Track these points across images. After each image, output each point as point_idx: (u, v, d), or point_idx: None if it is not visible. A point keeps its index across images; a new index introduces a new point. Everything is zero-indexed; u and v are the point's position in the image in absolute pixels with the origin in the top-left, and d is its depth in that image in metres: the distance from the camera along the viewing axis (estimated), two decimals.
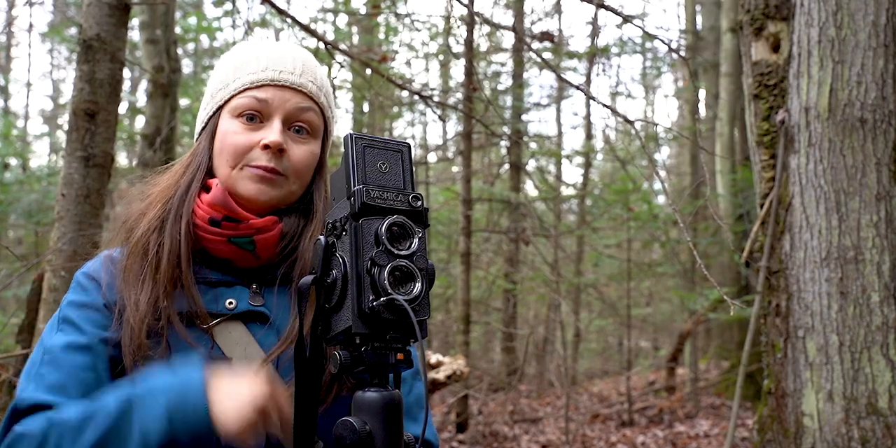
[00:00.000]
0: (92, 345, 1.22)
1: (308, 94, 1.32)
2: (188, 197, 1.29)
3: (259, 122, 1.30)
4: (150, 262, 1.24)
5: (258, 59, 1.34)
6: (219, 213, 1.27)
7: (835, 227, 2.89)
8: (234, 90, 1.32)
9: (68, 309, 1.26)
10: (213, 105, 1.35)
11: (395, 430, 1.00)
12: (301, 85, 1.32)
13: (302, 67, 1.34)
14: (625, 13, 4.49)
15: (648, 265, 11.10)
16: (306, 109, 1.32)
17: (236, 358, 1.22)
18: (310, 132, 1.33)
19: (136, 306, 1.21)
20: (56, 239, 3.04)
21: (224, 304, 1.25)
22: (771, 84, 3.11)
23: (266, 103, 1.30)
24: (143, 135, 7.15)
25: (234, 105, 1.31)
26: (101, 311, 1.25)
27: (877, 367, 2.79)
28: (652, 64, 14.92)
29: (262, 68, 1.32)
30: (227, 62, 1.37)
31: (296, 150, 1.30)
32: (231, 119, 1.31)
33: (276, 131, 1.28)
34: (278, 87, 1.30)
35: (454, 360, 5.55)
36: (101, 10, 3.11)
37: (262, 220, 1.27)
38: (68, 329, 1.24)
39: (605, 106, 3.38)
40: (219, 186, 1.29)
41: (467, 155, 8.08)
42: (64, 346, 1.21)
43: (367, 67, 6.25)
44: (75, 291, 1.29)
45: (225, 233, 1.26)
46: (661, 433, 7.59)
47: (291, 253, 1.29)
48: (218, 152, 1.31)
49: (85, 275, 1.30)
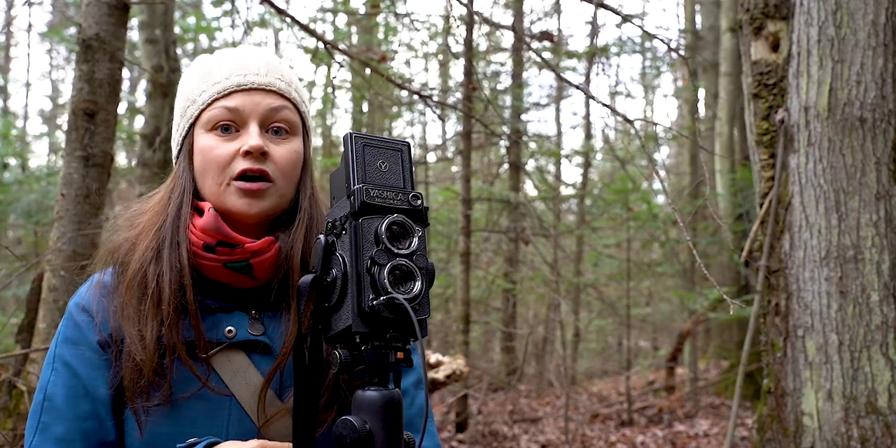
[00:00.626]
0: (90, 389, 1.21)
1: (278, 92, 1.28)
2: (181, 222, 1.24)
3: (235, 131, 1.26)
4: (152, 295, 1.20)
5: (220, 67, 1.29)
6: (212, 239, 1.22)
7: (834, 227, 2.89)
8: (202, 104, 1.28)
9: (63, 347, 1.24)
10: (185, 123, 1.30)
11: (394, 428, 1.00)
12: (269, 84, 1.28)
13: (266, 67, 1.30)
14: (624, 13, 4.49)
15: (648, 265, 11.10)
16: (280, 109, 1.28)
17: (237, 387, 1.21)
18: (288, 131, 1.29)
19: (143, 343, 1.18)
20: (55, 239, 3.04)
21: (223, 332, 1.23)
22: (770, 83, 3.11)
23: (238, 111, 1.25)
24: (143, 135, 7.15)
25: (206, 119, 1.27)
26: (95, 351, 1.22)
27: (876, 366, 2.79)
28: (651, 63, 14.92)
29: (226, 76, 1.28)
30: (190, 77, 1.33)
31: (278, 151, 1.26)
32: (205, 134, 1.27)
33: (255, 135, 1.24)
34: (246, 92, 1.26)
35: (454, 359, 5.55)
36: (100, 9, 3.11)
37: (257, 244, 1.22)
38: (64, 371, 1.22)
39: (604, 105, 3.38)
40: (210, 211, 1.24)
41: (467, 154, 8.08)
42: (64, 394, 1.21)
43: (367, 67, 6.25)
44: (68, 326, 1.26)
45: (220, 258, 1.22)
46: (660, 433, 7.60)
47: (286, 268, 1.25)
48: (200, 171, 1.27)
49: (78, 307, 1.27)
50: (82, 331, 1.24)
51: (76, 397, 1.20)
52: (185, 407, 1.19)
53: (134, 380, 1.18)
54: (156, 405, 1.18)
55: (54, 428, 1.19)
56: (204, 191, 1.27)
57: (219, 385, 1.20)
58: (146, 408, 1.18)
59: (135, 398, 1.18)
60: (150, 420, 1.18)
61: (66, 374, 1.22)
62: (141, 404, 1.18)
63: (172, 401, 1.18)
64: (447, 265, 10.18)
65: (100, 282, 1.28)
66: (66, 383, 1.21)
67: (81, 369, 1.21)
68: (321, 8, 11.72)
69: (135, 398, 1.18)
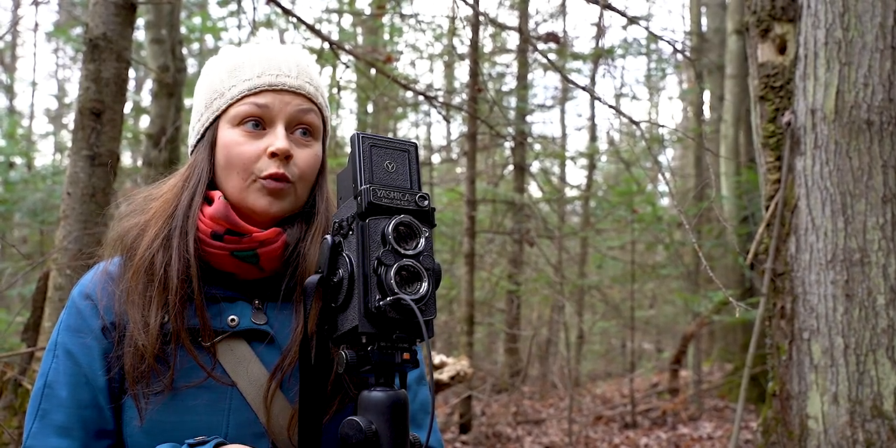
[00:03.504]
0: (90, 378, 1.21)
1: (307, 95, 1.30)
2: (191, 212, 1.25)
3: (262, 128, 1.27)
4: (159, 282, 1.21)
5: (251, 64, 1.30)
6: (221, 227, 1.23)
7: (840, 230, 2.88)
8: (231, 98, 1.28)
9: (65, 335, 1.25)
10: (210, 115, 1.31)
11: (400, 429, 1.00)
12: (299, 87, 1.29)
13: (297, 69, 1.31)
14: (630, 14, 4.49)
15: (652, 267, 11.08)
16: (307, 111, 1.29)
17: (239, 377, 1.21)
18: (312, 134, 1.30)
19: (146, 328, 1.19)
20: (61, 237, 3.05)
21: (226, 320, 1.23)
22: (777, 86, 3.11)
23: (267, 109, 1.26)
24: (148, 134, 7.17)
25: (234, 114, 1.27)
26: (97, 338, 1.23)
27: (882, 369, 2.79)
28: (657, 65, 14.91)
29: (258, 74, 1.28)
30: (217, 69, 1.33)
31: (301, 154, 1.27)
32: (231, 128, 1.27)
33: (282, 137, 1.25)
34: (277, 92, 1.27)
35: (458, 360, 5.55)
36: (107, 9, 3.12)
37: (265, 233, 1.23)
38: (65, 359, 1.23)
39: (610, 106, 3.38)
40: (220, 199, 1.25)
41: (471, 156, 8.07)
42: (65, 382, 1.21)
43: (372, 68, 6.25)
44: (70, 313, 1.27)
45: (227, 246, 1.23)
46: (664, 435, 7.58)
47: (296, 262, 1.27)
48: (224, 165, 1.27)
49: (81, 294, 1.27)
50: (84, 318, 1.25)
51: (77, 385, 1.21)
52: (187, 395, 1.19)
53: (135, 365, 1.18)
54: (157, 392, 1.18)
55: (54, 415, 1.20)
56: (225, 184, 1.28)
57: (221, 374, 1.21)
58: (146, 395, 1.18)
59: (135, 384, 1.19)
60: (150, 408, 1.18)
61: (67, 362, 1.23)
62: (141, 391, 1.18)
63: (174, 389, 1.19)
64: (451, 266, 10.17)
65: (105, 269, 1.29)
66: (67, 371, 1.22)
67: (82, 357, 1.22)
68: (327, 8, 11.73)
69: (135, 384, 1.19)
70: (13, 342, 4.66)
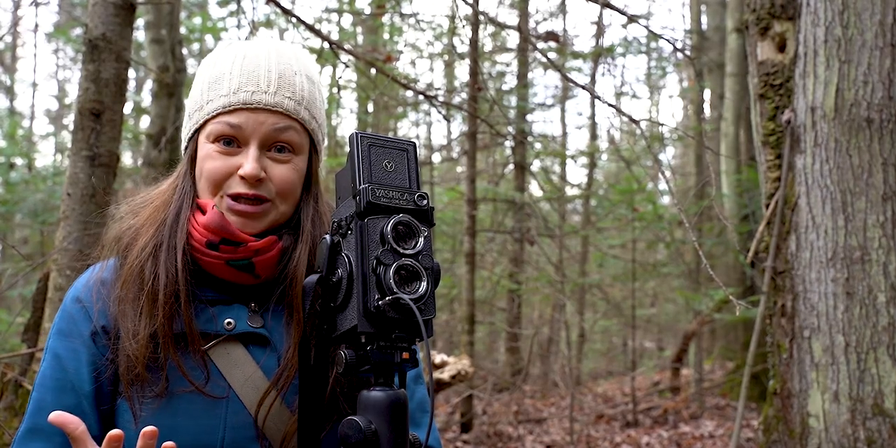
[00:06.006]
0: (76, 383, 1.21)
1: (285, 112, 1.24)
2: (178, 227, 1.24)
3: (237, 146, 1.24)
4: (147, 293, 1.20)
5: (230, 76, 1.25)
6: (216, 236, 1.22)
7: (841, 228, 2.88)
8: (206, 114, 1.25)
9: (55, 338, 1.25)
10: (191, 126, 1.29)
11: (400, 429, 1.00)
12: (276, 105, 1.23)
13: (277, 82, 1.25)
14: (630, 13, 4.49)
15: (653, 265, 11.08)
16: (284, 130, 1.24)
17: (236, 381, 1.21)
18: (292, 150, 1.26)
19: (135, 338, 1.19)
20: (61, 238, 3.05)
21: (222, 323, 1.23)
22: (777, 84, 3.10)
23: (240, 129, 1.23)
24: (148, 134, 7.17)
25: (209, 130, 1.25)
26: (85, 343, 1.23)
27: (883, 367, 2.78)
28: (657, 64, 14.91)
29: (234, 89, 1.24)
30: (203, 75, 1.30)
31: (277, 170, 1.24)
32: (208, 143, 1.25)
33: (252, 160, 1.21)
34: (252, 111, 1.22)
35: (458, 360, 5.55)
36: (106, 9, 3.12)
37: (260, 242, 1.22)
38: (54, 363, 1.23)
39: (610, 105, 3.38)
40: (214, 209, 1.23)
41: (472, 155, 8.07)
42: (51, 386, 1.22)
43: (372, 67, 6.25)
44: (62, 318, 1.26)
45: (223, 256, 1.22)
46: (665, 434, 7.58)
47: (290, 269, 1.25)
48: (199, 178, 1.26)
49: (74, 298, 1.27)
50: (75, 322, 1.24)
51: (62, 390, 1.21)
52: (182, 399, 1.19)
53: (128, 370, 1.19)
54: (151, 397, 1.18)
55: (37, 418, 1.20)
56: (202, 196, 1.27)
57: (217, 378, 1.20)
58: (141, 398, 1.19)
59: (130, 387, 1.19)
60: (144, 411, 1.19)
61: (55, 367, 1.23)
62: (136, 394, 1.19)
63: (169, 393, 1.19)
64: (452, 265, 10.17)
65: (99, 273, 1.28)
66: (54, 376, 1.22)
67: (69, 362, 1.22)
68: (326, 8, 11.73)
69: (130, 387, 1.19)
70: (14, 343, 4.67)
